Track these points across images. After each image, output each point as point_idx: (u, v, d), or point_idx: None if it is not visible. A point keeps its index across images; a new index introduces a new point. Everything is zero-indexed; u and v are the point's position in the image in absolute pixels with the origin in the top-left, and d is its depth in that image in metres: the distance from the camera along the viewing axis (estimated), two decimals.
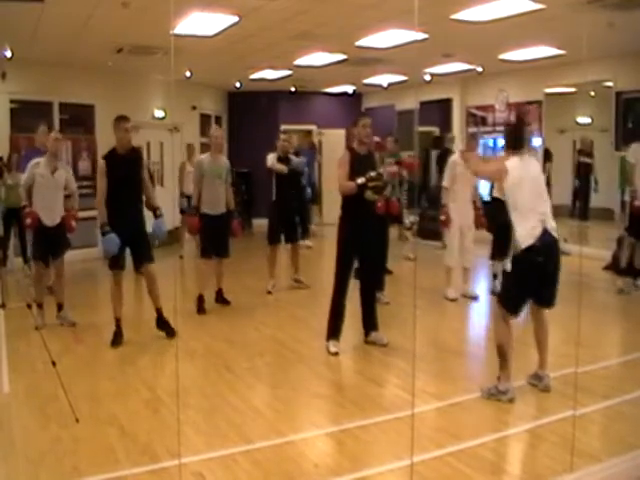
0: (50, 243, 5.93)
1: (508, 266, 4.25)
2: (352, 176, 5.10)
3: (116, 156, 5.38)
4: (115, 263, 5.45)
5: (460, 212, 6.85)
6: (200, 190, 6.44)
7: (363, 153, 5.27)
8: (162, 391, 4.41)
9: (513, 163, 4.18)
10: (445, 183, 6.95)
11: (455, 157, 6.95)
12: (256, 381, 4.78)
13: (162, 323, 5.59)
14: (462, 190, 6.80)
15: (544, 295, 4.22)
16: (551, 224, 4.13)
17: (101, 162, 5.44)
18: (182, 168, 9.76)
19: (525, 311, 4.39)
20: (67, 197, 6.15)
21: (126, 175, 5.35)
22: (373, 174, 5.07)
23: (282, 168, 7.33)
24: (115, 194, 5.35)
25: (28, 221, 5.83)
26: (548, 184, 6.07)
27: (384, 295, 6.73)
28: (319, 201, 13.02)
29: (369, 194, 5.12)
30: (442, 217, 6.89)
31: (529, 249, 4.05)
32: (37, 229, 5.88)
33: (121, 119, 5.38)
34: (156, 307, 5.60)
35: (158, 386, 4.52)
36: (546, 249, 4.07)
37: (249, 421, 3.96)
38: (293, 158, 7.66)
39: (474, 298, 7.07)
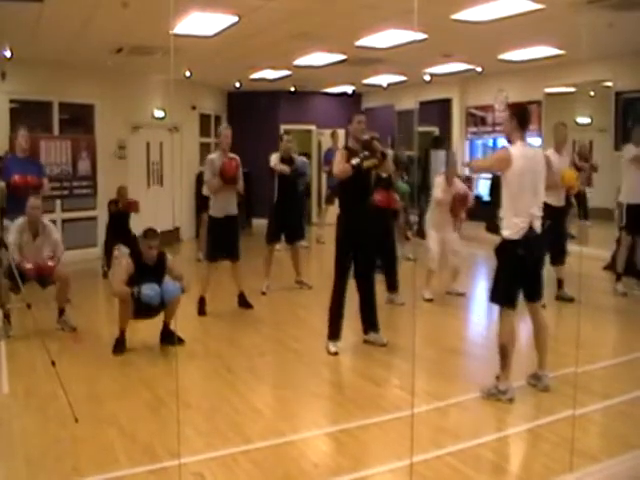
0: (33, 278, 5.60)
1: None
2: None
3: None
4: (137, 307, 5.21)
5: (440, 225, 6.93)
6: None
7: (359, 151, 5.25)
8: (162, 391, 4.41)
9: (517, 151, 4.14)
10: (437, 195, 6.93)
11: (440, 179, 6.99)
12: (256, 381, 4.77)
13: (166, 335, 5.42)
14: (445, 211, 6.89)
15: (530, 288, 4.28)
16: (537, 225, 4.17)
17: (129, 261, 5.26)
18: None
19: (522, 310, 4.40)
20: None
21: None
22: (366, 153, 5.08)
23: (284, 168, 7.31)
24: None
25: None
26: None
27: (397, 296, 6.73)
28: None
29: (368, 164, 5.13)
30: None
31: (512, 242, 4.11)
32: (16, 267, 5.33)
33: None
34: (165, 320, 5.46)
35: (158, 386, 4.51)
36: (529, 243, 4.12)
37: (249, 421, 3.97)
38: (297, 158, 7.63)
39: (461, 295, 7.14)
